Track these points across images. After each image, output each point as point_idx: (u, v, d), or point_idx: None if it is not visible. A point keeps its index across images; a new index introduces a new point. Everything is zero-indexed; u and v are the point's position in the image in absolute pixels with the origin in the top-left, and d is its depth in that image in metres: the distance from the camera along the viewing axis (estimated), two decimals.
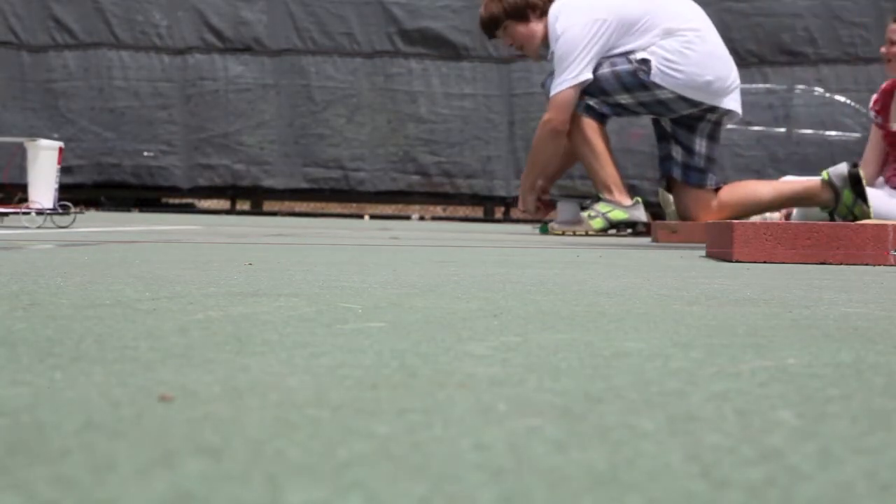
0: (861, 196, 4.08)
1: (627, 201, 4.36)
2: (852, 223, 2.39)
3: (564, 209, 4.89)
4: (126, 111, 8.49)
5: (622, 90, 4.32)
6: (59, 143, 3.49)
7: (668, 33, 4.33)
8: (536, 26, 4.52)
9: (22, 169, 3.51)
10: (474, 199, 8.59)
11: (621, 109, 4.39)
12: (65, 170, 3.76)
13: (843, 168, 4.20)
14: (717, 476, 0.41)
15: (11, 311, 0.93)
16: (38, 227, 3.26)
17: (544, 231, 4.64)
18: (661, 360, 0.71)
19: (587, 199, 4.86)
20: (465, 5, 8.36)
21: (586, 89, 4.31)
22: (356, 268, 1.67)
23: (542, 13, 4.49)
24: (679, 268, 1.92)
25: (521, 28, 4.55)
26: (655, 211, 4.87)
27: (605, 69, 4.32)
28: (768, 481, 0.40)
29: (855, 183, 4.12)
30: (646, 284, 1.43)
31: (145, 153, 8.48)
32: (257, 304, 1.03)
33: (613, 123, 4.65)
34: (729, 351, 0.77)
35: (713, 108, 4.40)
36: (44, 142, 3.44)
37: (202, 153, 8.49)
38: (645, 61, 4.29)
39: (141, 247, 2.36)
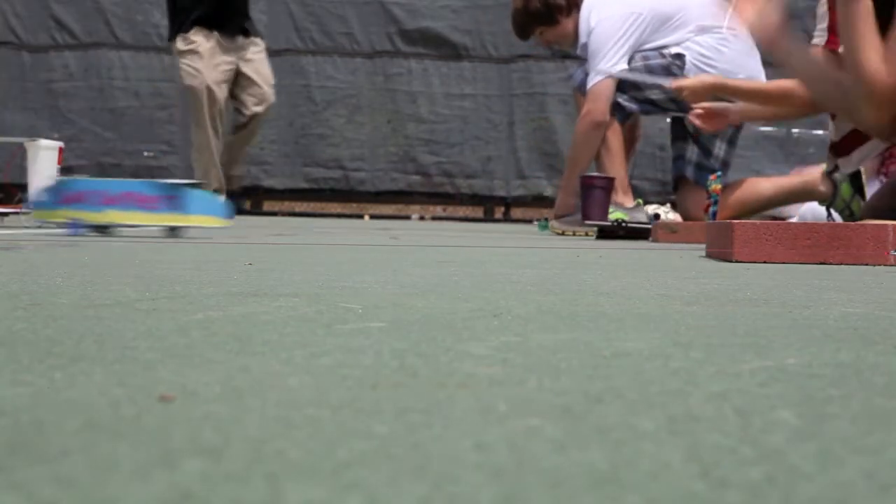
0: (859, 191, 4.07)
1: (630, 203, 4.36)
2: (852, 223, 2.39)
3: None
4: (126, 111, 8.49)
5: (653, 84, 4.29)
6: (60, 143, 3.49)
7: (703, 30, 4.31)
8: (567, 23, 4.52)
9: (22, 169, 3.51)
10: (474, 199, 8.58)
11: (651, 105, 4.37)
12: (65, 170, 3.75)
13: None
14: (717, 476, 0.41)
15: (11, 311, 0.93)
16: (38, 227, 3.26)
17: (544, 228, 4.63)
18: (661, 360, 0.71)
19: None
20: (465, 5, 8.36)
21: (617, 84, 4.29)
22: (356, 268, 1.67)
23: (569, 9, 4.49)
24: (679, 268, 1.92)
25: (552, 31, 4.55)
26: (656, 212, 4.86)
27: (638, 63, 4.29)
28: (768, 481, 0.40)
29: (854, 177, 4.12)
30: (646, 284, 1.43)
31: (145, 153, 8.48)
32: (257, 304, 1.03)
33: None
34: (729, 351, 0.76)
35: None
36: (44, 142, 3.44)
37: None
38: (679, 56, 4.28)
39: (141, 247, 2.36)
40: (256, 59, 6.27)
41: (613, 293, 1.26)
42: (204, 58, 5.98)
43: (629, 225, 4.13)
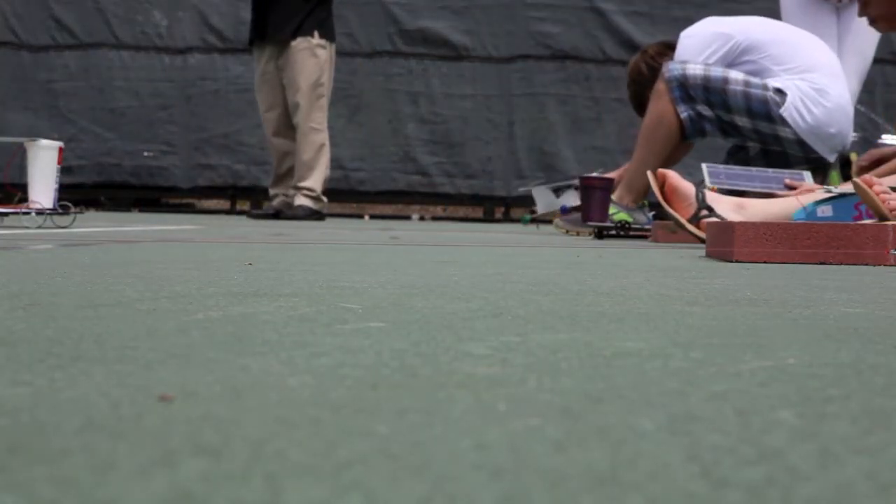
0: (847, 179, 4.06)
1: (632, 204, 4.34)
2: (851, 223, 2.39)
3: (540, 196, 4.90)
4: (126, 111, 8.49)
5: (745, 113, 4.13)
6: (59, 143, 3.49)
7: (807, 73, 4.20)
8: None
9: (22, 169, 3.51)
10: (474, 199, 8.59)
11: (732, 129, 4.19)
12: (65, 170, 3.75)
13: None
14: (717, 476, 0.41)
15: (11, 311, 0.92)
16: (38, 227, 3.26)
17: (526, 221, 4.66)
18: (661, 360, 0.71)
19: (564, 188, 4.87)
20: (465, 5, 8.36)
21: (708, 97, 4.14)
22: (356, 268, 1.67)
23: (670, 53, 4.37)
24: (679, 268, 1.92)
25: None
26: (658, 212, 4.86)
27: (738, 87, 4.12)
28: (768, 481, 0.40)
29: (844, 165, 4.13)
30: (646, 284, 1.43)
31: (145, 153, 8.48)
32: (257, 304, 1.03)
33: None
34: (729, 351, 0.76)
35: (820, 159, 4.29)
36: (44, 142, 3.44)
37: (202, 153, 8.49)
38: (781, 93, 4.14)
39: (141, 247, 2.36)
40: None
41: (613, 293, 1.26)
42: None
43: (631, 227, 4.12)
